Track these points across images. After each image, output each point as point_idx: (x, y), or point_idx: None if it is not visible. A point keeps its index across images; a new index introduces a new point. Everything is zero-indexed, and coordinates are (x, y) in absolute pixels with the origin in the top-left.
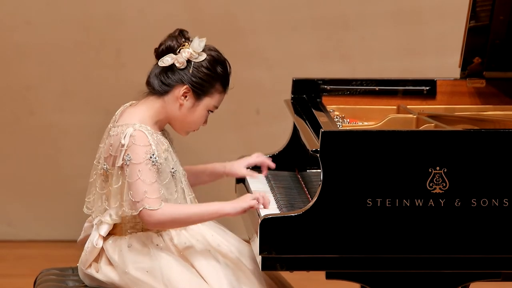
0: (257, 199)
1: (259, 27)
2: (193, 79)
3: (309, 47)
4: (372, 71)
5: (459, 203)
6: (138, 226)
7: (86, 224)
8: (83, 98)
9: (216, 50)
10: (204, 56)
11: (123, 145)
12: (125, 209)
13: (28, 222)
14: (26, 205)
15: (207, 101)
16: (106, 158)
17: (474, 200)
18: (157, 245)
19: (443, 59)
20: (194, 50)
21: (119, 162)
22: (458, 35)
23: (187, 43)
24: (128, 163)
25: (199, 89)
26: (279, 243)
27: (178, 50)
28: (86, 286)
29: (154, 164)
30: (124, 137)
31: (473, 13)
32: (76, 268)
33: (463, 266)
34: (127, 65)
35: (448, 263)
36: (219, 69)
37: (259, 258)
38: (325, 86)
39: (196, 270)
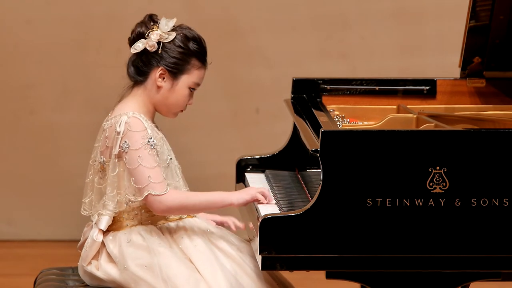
0: (263, 194)
1: (259, 27)
2: (167, 59)
3: (309, 47)
4: (372, 70)
5: (459, 203)
6: (137, 218)
7: (85, 229)
8: (83, 97)
9: (187, 28)
10: (173, 35)
11: (118, 133)
12: (128, 196)
13: (28, 222)
14: (26, 204)
15: (186, 79)
16: (103, 152)
17: (474, 200)
18: (156, 238)
19: (443, 59)
20: (162, 31)
21: (116, 150)
22: (458, 35)
23: (155, 26)
24: (126, 150)
25: (175, 68)
26: (279, 243)
27: (147, 34)
28: (86, 285)
29: (153, 148)
30: (119, 125)
31: (473, 13)
32: (76, 268)
33: (463, 266)
34: None
35: (448, 263)
36: (191, 45)
37: (259, 258)
38: (325, 86)
39: (194, 265)
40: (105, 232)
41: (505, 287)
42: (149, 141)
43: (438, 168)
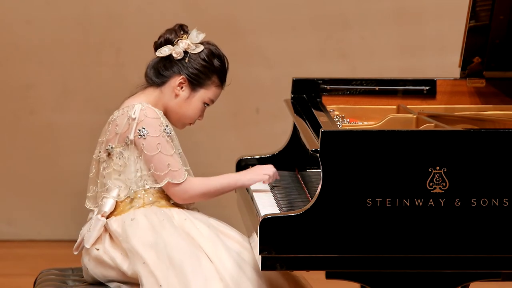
0: (269, 175)
1: (259, 27)
2: (190, 69)
3: (309, 47)
4: (372, 70)
5: (459, 203)
6: (140, 202)
7: (82, 231)
8: (83, 97)
9: (214, 45)
10: (201, 48)
11: (134, 119)
12: (148, 182)
13: (28, 222)
14: (26, 204)
15: (203, 93)
16: (110, 140)
17: (474, 200)
18: (159, 216)
19: (443, 59)
20: (191, 42)
21: (132, 136)
22: (458, 35)
23: (185, 36)
24: (145, 136)
25: (195, 80)
26: (279, 243)
27: (175, 41)
28: (86, 285)
29: (169, 135)
30: (134, 112)
31: (473, 13)
32: (76, 268)
33: (463, 266)
34: (126, 65)
35: (448, 263)
36: (216, 62)
37: (259, 258)
38: (325, 86)
39: (197, 242)
40: (107, 218)
41: (505, 287)
42: (165, 129)
43: (438, 168)
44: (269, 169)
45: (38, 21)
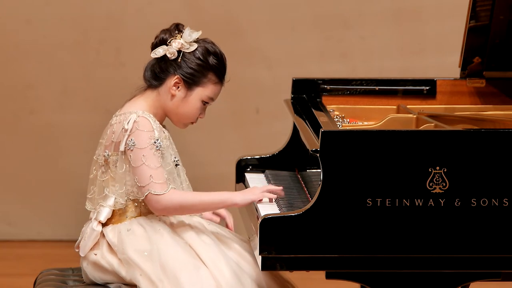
0: (269, 191)
1: (259, 27)
2: (184, 69)
3: (309, 47)
4: (372, 70)
5: (459, 203)
6: (137, 211)
7: (83, 229)
8: (83, 97)
9: (210, 42)
10: (195, 46)
11: (126, 130)
12: (133, 193)
13: (28, 222)
14: (27, 204)
15: (200, 92)
16: (107, 146)
17: (474, 200)
18: (156, 225)
19: (443, 59)
20: (185, 41)
21: (122, 147)
22: (458, 34)
23: (179, 35)
24: (132, 148)
25: (190, 79)
26: (279, 243)
27: (169, 41)
28: (85, 285)
29: (158, 149)
30: (128, 122)
31: (473, 13)
32: (76, 268)
33: (463, 266)
34: (126, 64)
35: (448, 263)
36: (211, 59)
37: (259, 258)
38: (325, 86)
39: (195, 252)
40: (104, 225)
41: (505, 287)
42: (155, 142)
43: (438, 168)
44: (266, 187)
45: (38, 21)
